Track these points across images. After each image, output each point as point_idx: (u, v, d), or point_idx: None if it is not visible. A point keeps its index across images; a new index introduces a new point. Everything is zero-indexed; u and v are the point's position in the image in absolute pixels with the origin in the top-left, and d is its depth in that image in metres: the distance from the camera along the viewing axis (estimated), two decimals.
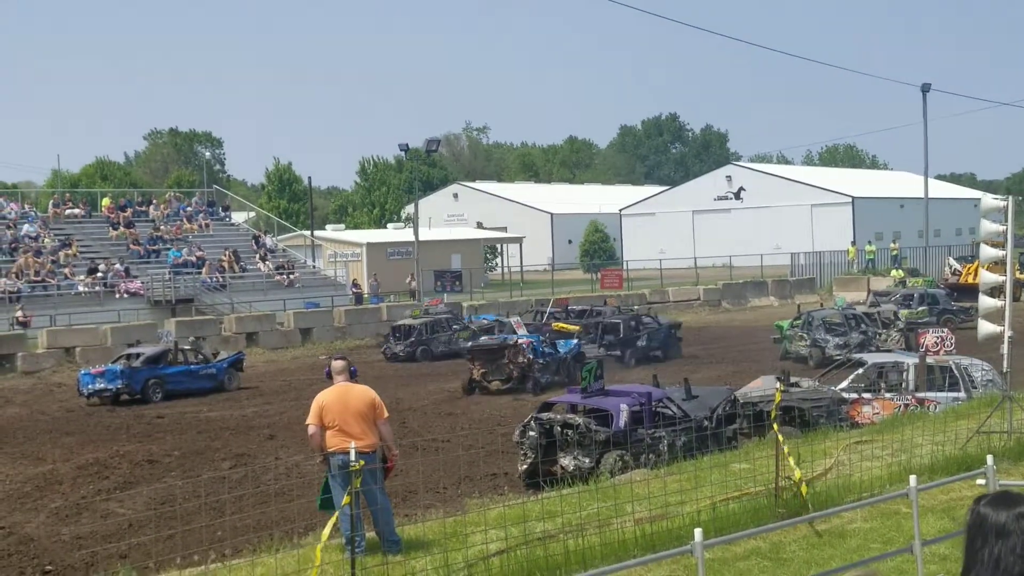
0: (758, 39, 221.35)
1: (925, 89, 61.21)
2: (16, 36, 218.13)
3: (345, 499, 9.92)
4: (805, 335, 32.40)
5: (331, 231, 79.72)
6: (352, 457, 9.99)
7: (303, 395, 26.45)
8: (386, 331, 41.09)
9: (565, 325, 34.24)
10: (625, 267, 68.12)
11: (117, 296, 46.37)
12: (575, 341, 31.96)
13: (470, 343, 32.97)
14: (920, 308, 39.19)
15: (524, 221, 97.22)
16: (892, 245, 67.12)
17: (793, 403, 17.81)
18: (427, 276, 57.72)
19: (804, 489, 11.48)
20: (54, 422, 27.04)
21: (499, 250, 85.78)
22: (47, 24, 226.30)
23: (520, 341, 30.00)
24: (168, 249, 51.67)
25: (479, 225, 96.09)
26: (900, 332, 31.86)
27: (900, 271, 56.95)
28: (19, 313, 40.79)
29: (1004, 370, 15.49)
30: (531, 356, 29.53)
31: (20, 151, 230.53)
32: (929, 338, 23.04)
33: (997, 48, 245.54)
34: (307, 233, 69.49)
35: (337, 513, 10.45)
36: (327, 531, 9.86)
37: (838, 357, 29.23)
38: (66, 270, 46.77)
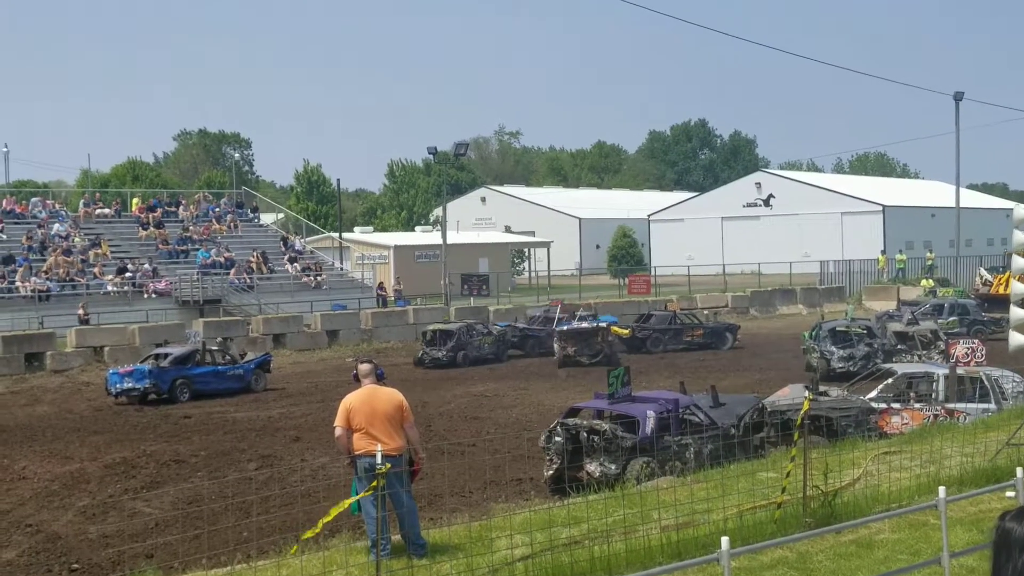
0: (788, 46, 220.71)
1: (958, 98, 60.77)
2: (47, 37, 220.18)
3: (364, 492, 9.89)
4: (816, 346, 32.34)
5: (359, 233, 79.75)
6: (378, 460, 10.00)
7: (329, 397, 26.52)
8: (413, 336, 42.64)
9: (619, 329, 39.07)
10: (653, 273, 67.97)
11: (145, 296, 46.67)
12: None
13: (559, 327, 37.54)
14: (950, 319, 38.90)
15: (552, 226, 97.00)
16: (928, 255, 66.69)
17: (821, 412, 17.71)
18: (454, 280, 57.66)
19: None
20: (82, 421, 27.21)
21: (527, 254, 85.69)
22: (78, 25, 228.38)
23: (605, 324, 37.27)
24: (197, 250, 51.95)
25: (507, 229, 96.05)
26: (942, 354, 30.97)
27: (930, 281, 56.60)
28: (81, 310, 41.22)
29: None
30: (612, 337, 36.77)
31: (51, 151, 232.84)
32: (960, 349, 22.87)
33: None
34: (335, 235, 69.67)
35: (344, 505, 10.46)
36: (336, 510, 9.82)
37: (841, 369, 30.17)
38: (95, 269, 47.08)
